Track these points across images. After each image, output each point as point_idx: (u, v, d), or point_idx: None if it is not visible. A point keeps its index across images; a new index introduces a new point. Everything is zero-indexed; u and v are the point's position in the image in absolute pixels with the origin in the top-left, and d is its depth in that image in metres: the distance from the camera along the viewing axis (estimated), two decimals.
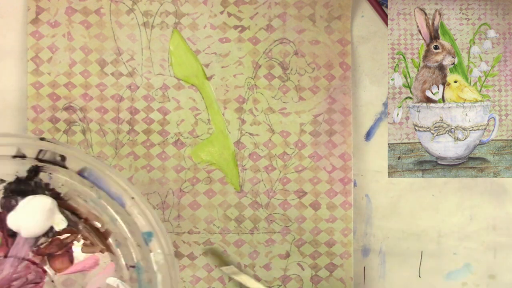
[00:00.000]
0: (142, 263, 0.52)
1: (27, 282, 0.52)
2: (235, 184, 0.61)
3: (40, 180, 0.52)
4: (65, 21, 0.60)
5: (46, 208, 0.52)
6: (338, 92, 0.61)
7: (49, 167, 0.52)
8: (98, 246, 0.53)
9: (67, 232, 0.53)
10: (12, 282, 0.52)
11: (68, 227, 0.52)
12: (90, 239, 0.53)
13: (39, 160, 0.52)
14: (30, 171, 0.52)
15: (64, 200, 0.53)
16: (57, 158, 0.52)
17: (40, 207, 0.52)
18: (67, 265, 0.53)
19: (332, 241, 0.61)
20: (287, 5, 0.61)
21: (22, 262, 0.52)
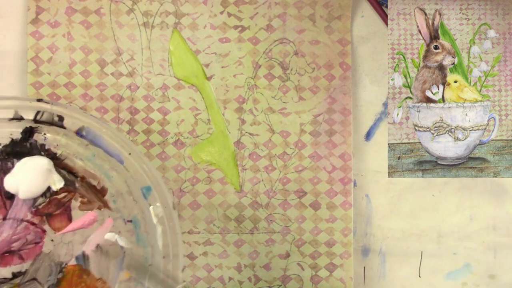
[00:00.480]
0: (139, 217, 0.53)
1: (27, 243, 0.53)
2: (235, 184, 0.61)
3: (35, 141, 0.53)
4: (65, 21, 0.60)
5: (43, 169, 0.52)
6: (338, 92, 0.61)
7: (43, 127, 0.52)
8: (96, 203, 0.53)
9: (64, 191, 0.53)
10: (12, 243, 0.52)
11: (65, 186, 0.53)
12: (87, 197, 0.53)
13: (37, 121, 0.52)
14: (24, 133, 0.53)
15: (60, 160, 0.53)
16: (55, 118, 0.52)
17: (36, 168, 0.52)
18: (66, 223, 0.53)
19: (332, 241, 0.61)
20: (287, 5, 0.61)
21: (21, 223, 0.53)
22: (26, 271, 0.52)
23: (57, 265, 0.53)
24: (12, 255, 0.53)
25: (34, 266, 0.53)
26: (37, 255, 0.53)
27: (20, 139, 0.53)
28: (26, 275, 0.52)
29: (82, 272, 0.53)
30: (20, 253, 0.53)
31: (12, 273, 0.53)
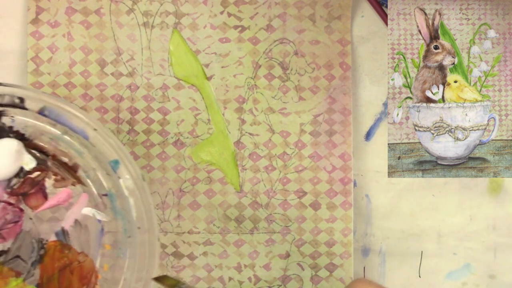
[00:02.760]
0: (114, 190, 0.54)
1: (6, 222, 0.54)
2: (235, 184, 0.61)
3: (3, 124, 0.54)
4: (65, 21, 0.60)
5: (13, 150, 0.53)
6: (338, 92, 0.61)
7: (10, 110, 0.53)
8: (69, 179, 0.54)
9: (37, 171, 0.54)
10: None
11: (37, 165, 0.54)
12: (60, 174, 0.54)
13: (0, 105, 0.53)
14: None
15: (29, 140, 0.54)
16: (16, 100, 0.53)
17: (7, 150, 0.53)
18: (42, 201, 0.54)
19: (332, 241, 0.61)
20: (287, 5, 0.61)
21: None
22: (9, 249, 0.54)
23: (38, 242, 0.54)
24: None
25: (16, 244, 0.54)
26: (18, 233, 0.54)
27: None
28: (9, 254, 0.54)
29: (63, 247, 0.54)
30: (0, 232, 0.54)
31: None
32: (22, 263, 0.54)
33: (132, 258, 0.53)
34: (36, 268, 0.54)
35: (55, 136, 0.54)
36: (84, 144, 0.54)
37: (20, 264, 0.54)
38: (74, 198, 0.55)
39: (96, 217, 0.54)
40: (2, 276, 0.53)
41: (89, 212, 0.54)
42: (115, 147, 0.53)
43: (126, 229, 0.53)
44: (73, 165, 0.54)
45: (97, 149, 0.53)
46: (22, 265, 0.54)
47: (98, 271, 0.54)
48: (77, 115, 0.53)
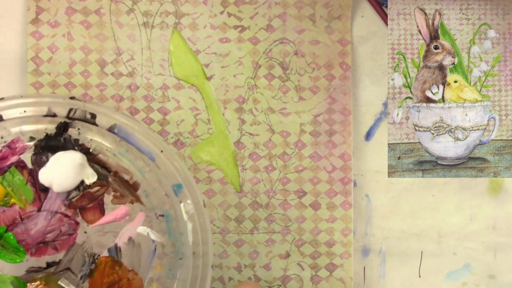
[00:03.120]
0: (171, 211, 0.54)
1: (61, 234, 0.54)
2: (235, 184, 0.61)
3: (69, 136, 0.54)
4: (65, 21, 0.60)
5: (76, 163, 0.53)
6: (338, 92, 0.61)
7: (77, 123, 0.54)
8: (128, 197, 0.54)
9: (97, 185, 0.54)
10: (46, 234, 0.54)
11: (98, 180, 0.54)
12: (119, 191, 0.55)
13: (70, 118, 0.54)
14: (59, 128, 0.54)
15: (93, 155, 0.54)
16: (87, 116, 0.54)
17: (70, 162, 0.53)
18: (99, 216, 0.55)
19: (332, 241, 0.61)
20: (287, 5, 0.61)
21: (55, 215, 0.54)
22: (60, 261, 0.54)
23: (90, 256, 0.54)
24: (46, 246, 0.54)
25: (67, 257, 0.54)
26: (71, 246, 0.54)
27: (55, 134, 0.54)
28: (60, 265, 0.54)
29: (114, 264, 0.54)
30: (54, 243, 0.54)
31: (47, 263, 0.54)
32: (72, 276, 0.54)
33: (181, 280, 0.53)
34: (85, 282, 0.54)
35: (119, 153, 0.54)
36: (148, 163, 0.54)
37: (70, 277, 0.54)
38: (131, 216, 0.54)
39: (151, 237, 0.54)
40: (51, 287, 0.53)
41: (144, 231, 0.54)
42: (179, 170, 0.53)
43: (178, 251, 0.53)
44: (134, 183, 0.54)
45: (162, 171, 0.53)
46: (71, 277, 0.54)
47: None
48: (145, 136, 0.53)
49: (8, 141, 0.54)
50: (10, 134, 0.54)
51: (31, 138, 0.54)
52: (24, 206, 0.54)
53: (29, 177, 0.54)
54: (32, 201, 0.54)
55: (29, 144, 0.54)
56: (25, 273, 0.54)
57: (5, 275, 0.53)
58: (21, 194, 0.54)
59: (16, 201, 0.54)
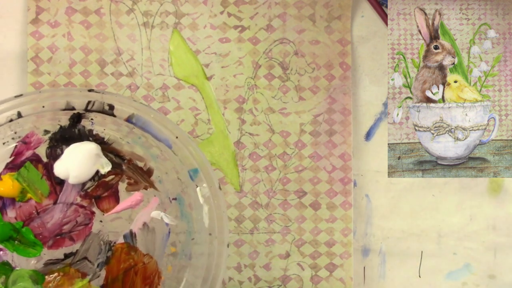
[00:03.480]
0: (182, 195, 0.54)
1: (77, 225, 0.55)
2: (235, 184, 0.61)
3: (83, 127, 0.54)
4: (65, 21, 0.60)
5: (91, 154, 0.54)
6: (338, 92, 0.61)
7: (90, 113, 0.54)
8: (142, 183, 0.55)
9: (111, 174, 0.55)
10: (63, 226, 0.54)
11: (112, 169, 0.55)
12: (134, 178, 0.55)
13: (88, 111, 0.54)
14: (72, 119, 0.54)
15: (107, 144, 0.55)
16: (105, 107, 0.54)
17: (85, 154, 0.54)
18: (114, 204, 0.55)
19: (332, 241, 0.61)
20: (287, 5, 0.61)
21: (71, 207, 0.54)
22: (77, 251, 0.55)
23: (106, 244, 0.55)
24: (63, 237, 0.55)
25: (84, 247, 0.55)
26: (87, 235, 0.55)
27: (68, 125, 0.54)
28: (77, 255, 0.54)
29: (130, 249, 0.55)
30: (70, 234, 0.55)
31: (64, 254, 0.55)
32: (89, 265, 0.54)
33: (195, 259, 0.54)
34: (102, 270, 0.54)
35: (133, 140, 0.55)
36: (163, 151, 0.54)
37: (87, 266, 0.54)
38: (144, 202, 0.55)
39: (164, 220, 0.55)
40: (69, 277, 0.54)
41: (158, 215, 0.55)
42: (195, 155, 0.54)
43: (190, 232, 0.54)
44: (148, 169, 0.55)
45: (179, 157, 0.54)
46: (88, 266, 0.54)
47: (161, 273, 0.55)
48: (161, 122, 0.54)
49: (23, 136, 0.54)
50: (24, 130, 0.54)
51: (45, 131, 0.54)
52: (40, 200, 0.54)
53: (44, 170, 0.54)
54: (48, 195, 0.54)
55: (44, 137, 0.54)
56: (43, 266, 0.54)
57: (23, 269, 0.53)
58: (37, 189, 0.54)
59: (32, 196, 0.54)
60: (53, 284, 0.53)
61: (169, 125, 0.54)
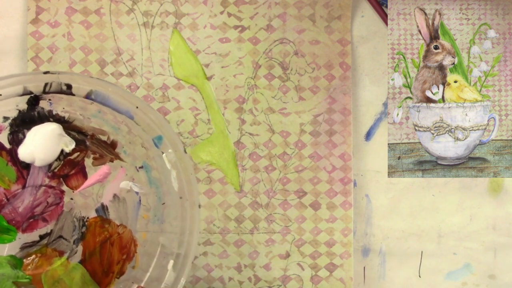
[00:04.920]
0: (148, 162, 0.55)
1: (48, 206, 0.55)
2: (235, 184, 0.61)
3: (42, 108, 0.54)
4: (65, 21, 0.60)
5: (54, 134, 0.54)
6: (338, 92, 0.61)
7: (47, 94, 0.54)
8: (107, 157, 0.56)
9: (76, 151, 0.55)
10: (34, 209, 0.55)
11: (76, 146, 0.55)
12: (98, 152, 0.56)
13: (47, 93, 0.54)
14: (29, 102, 0.54)
15: (68, 122, 0.55)
16: (63, 87, 0.54)
17: (48, 135, 0.54)
18: (82, 181, 0.56)
19: (332, 241, 0.61)
20: (287, 5, 0.61)
21: (40, 189, 0.55)
22: (52, 231, 0.55)
23: (79, 220, 0.55)
24: (36, 220, 0.55)
25: (58, 226, 0.55)
26: (59, 215, 0.55)
27: (27, 109, 0.54)
28: (52, 235, 0.55)
29: (104, 222, 0.55)
30: (43, 216, 0.55)
31: (39, 236, 0.55)
32: (65, 242, 0.55)
33: (168, 224, 0.55)
34: (79, 246, 0.55)
35: (93, 115, 0.55)
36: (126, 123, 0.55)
37: (63, 244, 0.55)
38: (112, 174, 0.56)
39: (134, 190, 0.56)
40: (47, 258, 0.55)
41: (127, 185, 0.56)
42: (157, 122, 0.54)
43: (160, 197, 0.55)
44: (112, 142, 0.55)
45: (141, 127, 0.54)
46: (65, 244, 0.55)
47: (137, 240, 0.55)
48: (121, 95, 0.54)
49: None
50: None
51: (4, 118, 0.54)
52: (8, 186, 0.55)
53: (8, 157, 0.54)
54: (16, 180, 0.55)
55: (4, 124, 0.54)
56: (19, 250, 0.55)
57: (0, 256, 0.54)
58: (4, 175, 0.54)
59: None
60: (32, 266, 0.54)
61: (128, 96, 0.54)
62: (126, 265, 0.55)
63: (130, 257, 0.55)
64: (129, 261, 0.55)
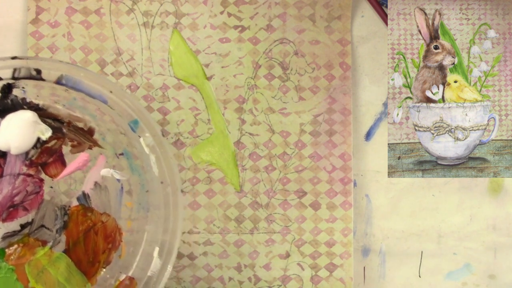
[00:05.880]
0: (129, 149, 0.55)
1: (27, 194, 0.55)
2: (235, 184, 0.61)
3: (15, 96, 0.54)
4: (65, 21, 0.60)
5: (29, 122, 0.53)
6: (338, 92, 0.61)
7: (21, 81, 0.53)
8: (86, 144, 0.55)
9: (53, 139, 0.55)
10: (14, 198, 0.55)
11: (53, 134, 0.55)
12: (76, 139, 0.55)
13: (16, 79, 0.53)
14: (3, 90, 0.54)
15: (43, 110, 0.55)
16: (33, 72, 0.53)
17: (23, 123, 0.53)
18: (61, 169, 0.55)
19: (332, 241, 0.61)
20: (287, 5, 0.61)
21: (18, 178, 0.55)
22: (33, 220, 0.55)
23: (61, 209, 0.55)
24: (16, 209, 0.55)
25: (39, 215, 0.55)
26: (40, 203, 0.55)
27: (0, 97, 0.54)
28: (34, 224, 0.55)
29: (86, 210, 0.55)
30: (23, 205, 0.55)
31: (20, 225, 0.55)
32: (48, 232, 0.55)
33: (152, 211, 0.54)
34: (62, 235, 0.55)
35: (68, 102, 0.54)
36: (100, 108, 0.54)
37: (46, 233, 0.55)
38: (92, 161, 0.55)
39: (115, 177, 0.55)
40: (29, 247, 0.54)
41: (108, 173, 0.55)
42: (132, 106, 0.54)
43: (143, 184, 0.55)
44: (89, 129, 0.55)
45: (116, 111, 0.54)
46: (47, 233, 0.55)
47: (122, 228, 0.55)
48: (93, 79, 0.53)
49: None
50: None
51: None
52: None
53: None
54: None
55: None
56: (1, 240, 0.54)
57: None
58: None
59: None
60: (14, 256, 0.54)
61: (101, 81, 0.54)
62: (112, 254, 0.55)
63: (116, 246, 0.55)
64: (115, 250, 0.55)
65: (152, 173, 0.54)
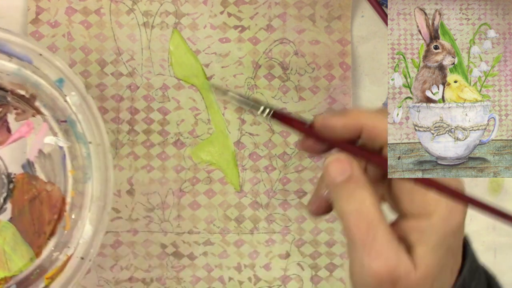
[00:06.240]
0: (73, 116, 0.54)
1: None
2: (235, 184, 0.61)
3: None
4: (65, 21, 0.60)
5: None
6: (338, 92, 0.61)
7: None
8: (29, 111, 0.55)
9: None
10: None
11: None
12: (20, 107, 0.55)
13: None
14: None
15: None
16: None
17: None
18: (7, 136, 0.56)
19: (332, 241, 0.61)
20: (287, 5, 0.61)
21: None
22: None
23: (7, 177, 0.55)
24: None
25: None
26: None
27: None
28: None
29: (31, 179, 0.55)
30: None
31: None
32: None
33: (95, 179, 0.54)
34: (7, 203, 0.55)
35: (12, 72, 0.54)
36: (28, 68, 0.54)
37: None
38: (36, 129, 0.55)
39: (58, 144, 0.55)
40: None
41: (51, 140, 0.55)
42: (59, 66, 0.53)
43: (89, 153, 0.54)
44: (31, 96, 0.55)
45: (41, 71, 0.53)
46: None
47: (66, 197, 0.55)
48: (20, 43, 0.53)
49: None
50: None
51: None
52: None
53: None
54: None
55: None
56: None
57: None
58: None
59: None
60: None
61: (30, 43, 0.53)
62: (57, 226, 0.54)
63: (61, 216, 0.55)
64: (60, 221, 0.55)
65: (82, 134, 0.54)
